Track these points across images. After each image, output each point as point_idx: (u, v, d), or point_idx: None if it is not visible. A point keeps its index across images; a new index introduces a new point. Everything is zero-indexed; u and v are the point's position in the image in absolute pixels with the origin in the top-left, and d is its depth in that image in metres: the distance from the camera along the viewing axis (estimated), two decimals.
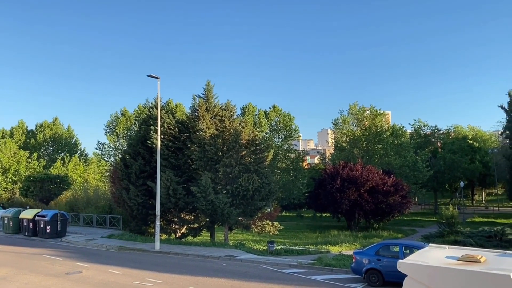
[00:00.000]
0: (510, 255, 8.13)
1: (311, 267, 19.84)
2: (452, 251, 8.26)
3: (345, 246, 27.09)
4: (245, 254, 23.42)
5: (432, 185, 56.41)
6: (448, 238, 29.17)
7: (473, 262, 7.27)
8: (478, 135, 66.62)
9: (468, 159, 56.66)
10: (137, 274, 18.27)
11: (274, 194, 30.00)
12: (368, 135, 53.09)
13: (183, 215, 29.66)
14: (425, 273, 7.16)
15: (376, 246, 17.38)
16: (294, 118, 61.52)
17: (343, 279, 17.52)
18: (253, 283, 16.46)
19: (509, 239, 27.80)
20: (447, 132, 66.95)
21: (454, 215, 31.83)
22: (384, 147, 51.71)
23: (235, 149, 27.67)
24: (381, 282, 15.86)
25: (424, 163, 50.67)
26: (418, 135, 64.15)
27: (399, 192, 38.56)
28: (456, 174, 55.94)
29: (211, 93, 30.23)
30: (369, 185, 37.91)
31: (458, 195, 62.26)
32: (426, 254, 8.12)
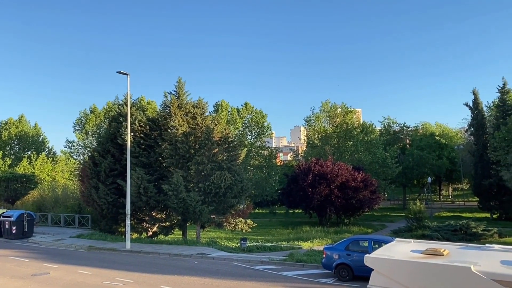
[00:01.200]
0: (471, 248, 8.44)
1: (283, 263, 20.00)
2: (417, 245, 8.50)
3: (316, 242, 27.44)
4: (217, 252, 23.38)
5: (401, 181, 57.76)
6: (416, 233, 30.08)
7: (436, 255, 7.50)
8: (445, 132, 68.65)
9: (436, 155, 58.31)
10: (107, 273, 17.96)
11: (247, 191, 30.07)
12: (339, 132, 53.92)
13: (155, 214, 29.34)
14: (390, 267, 7.35)
15: (346, 241, 17.66)
16: (266, 116, 61.79)
17: (314, 274, 17.73)
18: (224, 281, 16.47)
19: (473, 232, 28.90)
20: (415, 129, 68.68)
21: (421, 210, 32.85)
22: (355, 144, 52.63)
23: (207, 146, 27.55)
24: (351, 277, 16.13)
25: (393, 159, 51.81)
26: (387, 132, 65.56)
27: (368, 188, 39.31)
28: (424, 170, 57.47)
29: (182, 90, 29.96)
30: (339, 181, 38.48)
31: (425, 190, 64.00)
32: (392, 248, 8.33)
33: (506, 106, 43.73)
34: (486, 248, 8.14)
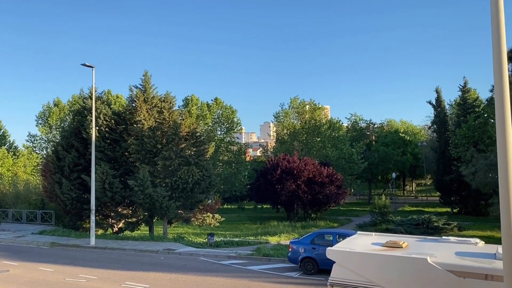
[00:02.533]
0: (429, 240, 8.75)
1: (250, 258, 20.13)
2: (378, 238, 8.74)
3: (283, 236, 27.71)
4: (184, 247, 23.28)
5: (366, 176, 59.00)
6: (381, 227, 30.86)
7: (395, 247, 7.73)
8: (409, 129, 70.60)
9: (400, 152, 59.88)
10: (70, 270, 17.58)
11: (215, 186, 30.03)
12: (307, 128, 54.53)
13: (120, 209, 28.87)
14: (351, 259, 7.52)
15: (311, 235, 17.96)
16: (236, 111, 61.70)
17: (280, 268, 17.95)
18: (191, 276, 16.43)
19: (434, 226, 29.87)
20: (381, 126, 70.27)
21: (386, 204, 33.69)
22: (323, 140, 53.38)
23: (174, 141, 27.30)
24: (316, 270, 16.43)
25: (359, 155, 52.85)
26: (354, 129, 66.77)
27: (334, 183, 39.96)
28: (388, 165, 58.92)
29: (149, 83, 29.52)
30: (306, 176, 38.95)
31: (390, 185, 65.68)
32: (354, 241, 8.53)
33: (466, 104, 45.34)
34: (442, 240, 8.45)
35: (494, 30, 5.47)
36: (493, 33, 5.49)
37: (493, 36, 5.50)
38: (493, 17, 5.47)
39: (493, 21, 5.47)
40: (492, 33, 5.50)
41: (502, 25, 5.46)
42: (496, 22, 5.45)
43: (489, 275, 6.34)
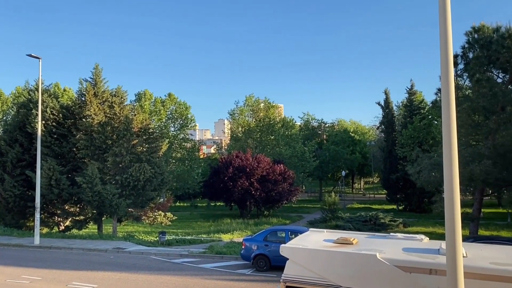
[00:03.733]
0: (378, 237, 9.05)
1: (202, 256, 19.99)
2: (330, 234, 8.92)
3: (236, 234, 27.76)
4: (134, 246, 22.73)
5: (317, 174, 60.33)
6: (330, 223, 31.67)
7: (346, 244, 7.93)
8: (359, 129, 72.87)
9: (350, 151, 61.73)
10: (12, 271, 16.67)
11: (167, 184, 29.54)
12: (262, 126, 54.92)
13: (67, 207, 27.75)
14: (304, 256, 7.64)
15: (264, 233, 18.10)
16: (190, 107, 60.95)
17: (233, 265, 17.95)
18: (141, 275, 16.08)
19: (381, 223, 31.03)
20: (332, 126, 72.08)
21: (336, 202, 34.61)
22: (276, 138, 53.96)
23: (126, 137, 26.58)
24: (268, 267, 16.58)
25: (311, 153, 53.93)
26: (306, 128, 68.05)
27: (287, 180, 40.53)
28: (338, 164, 60.57)
29: (99, 77, 28.54)
30: (260, 174, 39.23)
31: (340, 183, 67.56)
32: (306, 238, 8.66)
33: (413, 106, 47.46)
34: (390, 237, 8.75)
35: (442, 36, 5.71)
36: (441, 38, 5.74)
37: (440, 41, 5.75)
38: (441, 23, 5.72)
39: (441, 27, 5.72)
40: (440, 38, 5.75)
41: (449, 31, 5.71)
42: (444, 29, 5.69)
43: (433, 270, 6.63)
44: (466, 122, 21.33)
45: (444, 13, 5.72)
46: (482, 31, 20.54)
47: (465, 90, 22.12)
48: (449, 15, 5.72)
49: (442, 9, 5.72)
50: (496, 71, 21.51)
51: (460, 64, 21.71)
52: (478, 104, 20.41)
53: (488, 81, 19.96)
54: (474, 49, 20.89)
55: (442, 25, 5.71)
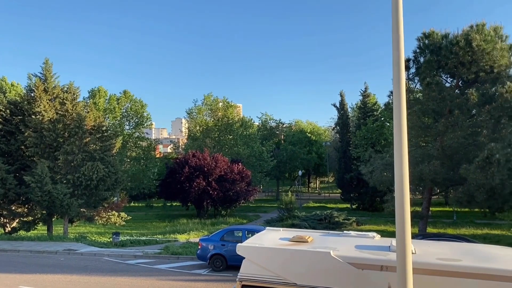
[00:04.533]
0: (332, 235, 9.22)
1: (158, 257, 19.66)
2: (286, 233, 8.99)
3: (193, 234, 27.50)
4: (86, 247, 22.01)
5: (275, 174, 60.87)
6: (287, 222, 32.03)
7: (301, 242, 8.02)
8: (315, 130, 74.14)
9: (306, 151, 62.73)
10: None
11: (122, 183, 28.79)
12: (220, 125, 54.69)
13: (14, 208, 26.43)
14: (260, 254, 7.66)
15: (221, 232, 18.04)
16: (146, 105, 59.66)
17: (189, 266, 17.78)
18: (93, 277, 15.58)
19: (336, 221, 31.72)
20: (289, 126, 72.96)
21: (292, 201, 35.05)
22: (235, 138, 53.90)
23: (78, 135, 25.68)
24: (225, 266, 16.55)
25: (269, 153, 54.33)
26: (264, 128, 68.50)
27: (245, 180, 40.59)
28: (295, 163, 61.39)
29: (50, 72, 27.40)
30: (218, 174, 39.05)
31: (296, 183, 68.50)
32: (263, 236, 8.69)
33: (366, 108, 48.88)
34: (344, 235, 8.94)
35: (394, 40, 5.90)
36: (393, 43, 5.92)
37: (393, 46, 5.93)
38: (393, 28, 5.90)
39: (393, 32, 5.90)
40: (393, 42, 5.93)
41: (401, 36, 5.91)
42: (396, 34, 5.88)
43: (384, 266, 6.84)
44: (417, 124, 22.19)
45: (397, 18, 5.89)
46: (432, 37, 21.43)
47: (416, 93, 23.00)
48: (401, 20, 5.90)
49: (395, 15, 5.90)
50: (445, 75, 22.52)
51: (412, 68, 22.54)
52: (428, 107, 21.29)
53: (437, 85, 20.84)
54: (425, 54, 21.75)
55: (394, 30, 5.89)
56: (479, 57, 19.78)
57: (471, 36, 19.60)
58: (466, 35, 19.82)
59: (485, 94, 19.30)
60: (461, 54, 19.80)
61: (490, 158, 17.28)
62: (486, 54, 19.71)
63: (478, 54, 19.71)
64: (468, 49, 19.67)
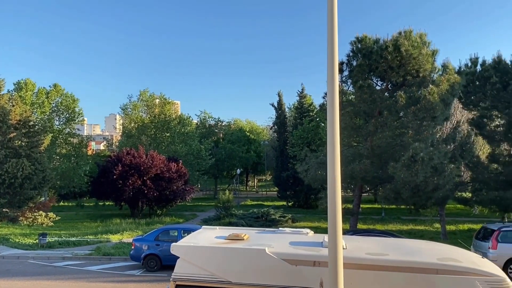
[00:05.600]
0: (268, 232, 9.35)
1: (88, 258, 18.86)
2: (222, 231, 8.98)
3: (126, 234, 26.67)
4: (9, 250, 20.59)
5: (213, 172, 60.65)
6: (224, 220, 32.04)
7: (237, 240, 8.05)
8: (254, 128, 74.85)
9: (245, 149, 63.16)
10: None
11: (50, 182, 27.31)
12: (157, 122, 53.44)
13: None
14: (195, 253, 7.58)
15: (155, 232, 17.67)
16: (78, 100, 56.69)
17: (121, 267, 17.23)
18: (16, 281, 14.61)
19: (272, 219, 32.23)
20: (228, 124, 73.03)
21: (230, 199, 35.09)
22: (172, 135, 52.95)
23: (1, 130, 23.96)
24: (159, 267, 16.24)
25: (207, 151, 53.99)
26: (203, 126, 68.01)
27: (182, 179, 40.01)
28: (234, 162, 61.59)
29: None
30: (154, 172, 38.14)
31: (234, 181, 68.75)
32: (198, 235, 8.62)
33: (303, 108, 50.19)
34: (279, 232, 9.09)
35: (329, 44, 6.07)
36: (328, 46, 6.10)
37: (328, 49, 6.11)
38: (328, 32, 6.07)
39: (328, 35, 6.08)
40: (328, 45, 6.10)
41: (335, 40, 6.09)
42: (331, 37, 6.06)
43: (316, 262, 7.04)
44: (349, 124, 23.15)
45: (332, 22, 6.07)
46: (364, 41, 22.42)
47: (349, 95, 23.98)
48: (335, 24, 6.09)
49: (330, 19, 6.08)
50: (376, 79, 23.68)
51: (345, 71, 23.43)
52: (360, 108, 22.30)
53: (368, 87, 21.88)
54: (357, 58, 22.71)
55: (329, 33, 6.06)
56: (406, 61, 21.02)
57: (400, 41, 20.76)
58: (395, 40, 20.96)
59: (411, 97, 20.55)
60: (390, 58, 20.91)
61: (415, 156, 18.46)
62: (413, 59, 20.99)
63: (406, 59, 20.93)
64: (397, 54, 20.83)
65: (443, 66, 22.38)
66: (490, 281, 6.63)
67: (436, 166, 18.91)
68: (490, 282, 6.63)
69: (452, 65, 22.93)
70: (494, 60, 24.77)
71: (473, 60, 25.26)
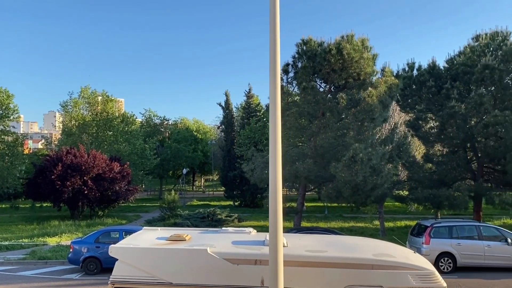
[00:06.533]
0: (211, 232, 9.33)
1: (22, 262, 17.88)
2: (164, 232, 8.85)
3: (65, 237, 25.56)
4: None
5: (158, 172, 59.48)
6: (169, 221, 31.56)
7: (179, 240, 7.97)
8: (201, 128, 74.25)
9: (191, 149, 62.50)
10: None
11: None
12: (99, 120, 51.52)
13: None
14: (134, 255, 7.43)
15: (95, 234, 17.09)
16: (13, 96, 53.32)
17: (59, 271, 16.50)
18: None
19: (218, 219, 32.18)
20: (175, 123, 71.93)
21: (175, 199, 34.61)
22: (115, 134, 51.27)
23: None
24: (99, 270, 15.71)
25: (152, 151, 52.87)
26: (148, 124, 66.54)
27: (125, 179, 38.92)
28: (180, 161, 60.78)
29: None
30: (95, 172, 36.77)
31: (181, 181, 67.91)
32: (139, 237, 8.45)
33: (250, 108, 50.53)
34: (222, 231, 9.11)
35: (272, 45, 6.16)
36: (270, 48, 6.19)
37: (270, 51, 6.19)
38: (271, 34, 6.16)
39: (271, 37, 6.16)
40: (270, 47, 6.19)
41: (277, 41, 6.19)
42: (273, 39, 6.15)
43: (258, 260, 7.12)
44: (294, 125, 23.62)
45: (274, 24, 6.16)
46: (309, 44, 22.95)
47: (294, 97, 24.44)
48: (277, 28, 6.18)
49: (273, 21, 6.16)
50: (320, 81, 24.32)
51: (290, 72, 23.87)
52: (304, 109, 22.80)
53: (312, 89, 22.41)
54: (302, 60, 23.19)
55: (272, 35, 6.15)
56: (348, 64, 21.75)
57: (342, 45, 21.46)
58: (338, 44, 21.63)
59: (352, 99, 21.31)
60: (333, 61, 21.55)
61: (355, 157, 19.18)
62: (354, 62, 21.76)
63: (348, 62, 21.66)
64: (339, 57, 21.50)
65: (382, 70, 23.42)
66: (421, 274, 7.05)
67: (374, 166, 19.75)
68: (421, 276, 7.04)
69: (391, 69, 24.06)
70: (429, 65, 26.25)
71: (410, 65, 26.61)
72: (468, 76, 23.78)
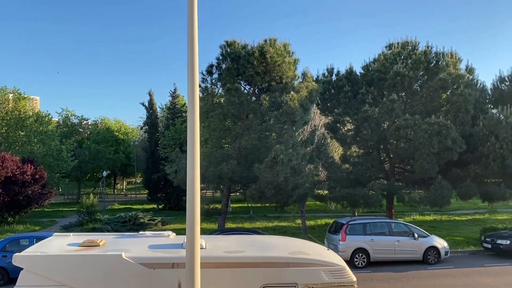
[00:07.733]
0: (127, 236, 9.05)
1: None
2: (76, 238, 8.43)
3: None
4: None
5: (76, 175, 56.36)
6: (88, 226, 29.96)
7: (92, 246, 7.64)
8: (123, 128, 71.60)
9: (113, 150, 60.00)
10: None
11: None
12: (9, 120, 47.65)
13: None
14: (42, 263, 7.00)
15: (2, 242, 15.85)
16: None
17: None
18: None
19: (141, 222, 31.21)
20: (95, 123, 68.64)
21: (94, 203, 32.99)
22: (28, 134, 47.73)
23: None
24: (6, 280, 14.58)
25: (69, 152, 49.99)
26: (65, 124, 62.86)
27: (39, 182, 36.41)
28: (100, 163, 58.10)
29: None
30: (4, 175, 33.96)
31: (101, 184, 64.96)
32: (47, 244, 7.97)
33: (175, 109, 49.75)
34: (139, 236, 8.87)
35: (189, 46, 6.15)
36: (188, 49, 6.17)
37: (188, 52, 6.18)
38: (188, 37, 6.14)
39: (188, 40, 6.15)
40: (188, 48, 6.17)
41: (195, 42, 6.19)
42: (191, 39, 6.14)
43: (175, 264, 7.05)
44: (219, 126, 23.70)
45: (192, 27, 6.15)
46: (233, 46, 23.17)
47: (218, 98, 24.52)
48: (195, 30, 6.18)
49: (190, 24, 6.15)
50: (244, 83, 24.64)
51: (215, 73, 23.94)
52: (229, 111, 22.97)
53: (236, 91, 22.68)
54: (226, 61, 23.38)
55: (189, 37, 6.13)
56: (271, 68, 22.32)
57: (265, 48, 21.95)
58: (261, 47, 22.10)
59: (274, 101, 21.88)
60: (257, 64, 21.98)
61: (276, 158, 19.72)
62: (277, 66, 22.37)
63: (271, 65, 22.22)
64: (263, 60, 21.98)
65: (303, 74, 24.32)
66: (333, 270, 7.43)
67: (295, 167, 20.45)
68: (333, 271, 7.42)
69: (311, 73, 25.06)
70: (347, 71, 27.72)
71: (329, 70, 27.91)
72: (382, 82, 25.43)
